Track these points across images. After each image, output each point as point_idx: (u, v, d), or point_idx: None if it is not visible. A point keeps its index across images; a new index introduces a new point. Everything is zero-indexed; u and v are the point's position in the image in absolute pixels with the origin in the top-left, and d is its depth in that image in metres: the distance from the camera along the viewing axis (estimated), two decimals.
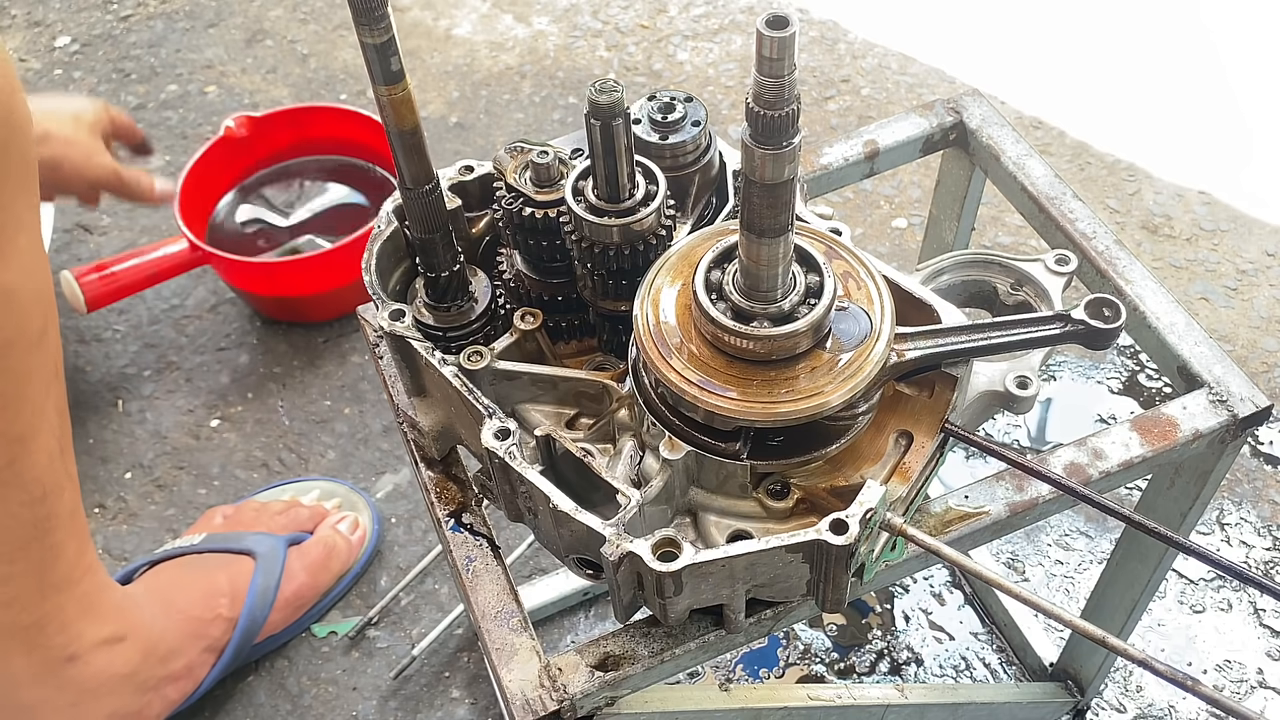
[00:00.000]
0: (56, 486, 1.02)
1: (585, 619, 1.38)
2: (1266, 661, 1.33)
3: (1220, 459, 0.91)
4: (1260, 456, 1.49)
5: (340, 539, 1.39)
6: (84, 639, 1.12)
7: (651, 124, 0.83)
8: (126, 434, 1.57)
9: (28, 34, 2.14)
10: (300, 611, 1.36)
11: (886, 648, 1.36)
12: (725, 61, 2.02)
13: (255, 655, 1.35)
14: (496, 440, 0.74)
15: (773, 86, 0.58)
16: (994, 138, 1.07)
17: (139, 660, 1.18)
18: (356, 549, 1.41)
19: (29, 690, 1.11)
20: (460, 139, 1.92)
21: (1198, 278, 1.67)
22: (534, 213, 0.79)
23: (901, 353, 0.73)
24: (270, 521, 1.38)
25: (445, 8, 2.16)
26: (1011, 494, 0.83)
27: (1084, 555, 1.42)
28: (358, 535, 1.42)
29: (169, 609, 1.25)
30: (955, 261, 0.89)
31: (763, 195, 0.63)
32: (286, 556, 1.34)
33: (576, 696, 0.74)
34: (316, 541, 1.38)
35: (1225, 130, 1.89)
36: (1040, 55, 2.02)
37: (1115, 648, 0.66)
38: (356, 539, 1.41)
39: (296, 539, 1.37)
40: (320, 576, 1.36)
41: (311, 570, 1.35)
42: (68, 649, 1.11)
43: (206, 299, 1.71)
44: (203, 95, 2.01)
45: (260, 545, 1.33)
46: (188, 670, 1.25)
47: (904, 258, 1.70)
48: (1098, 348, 0.74)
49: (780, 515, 0.74)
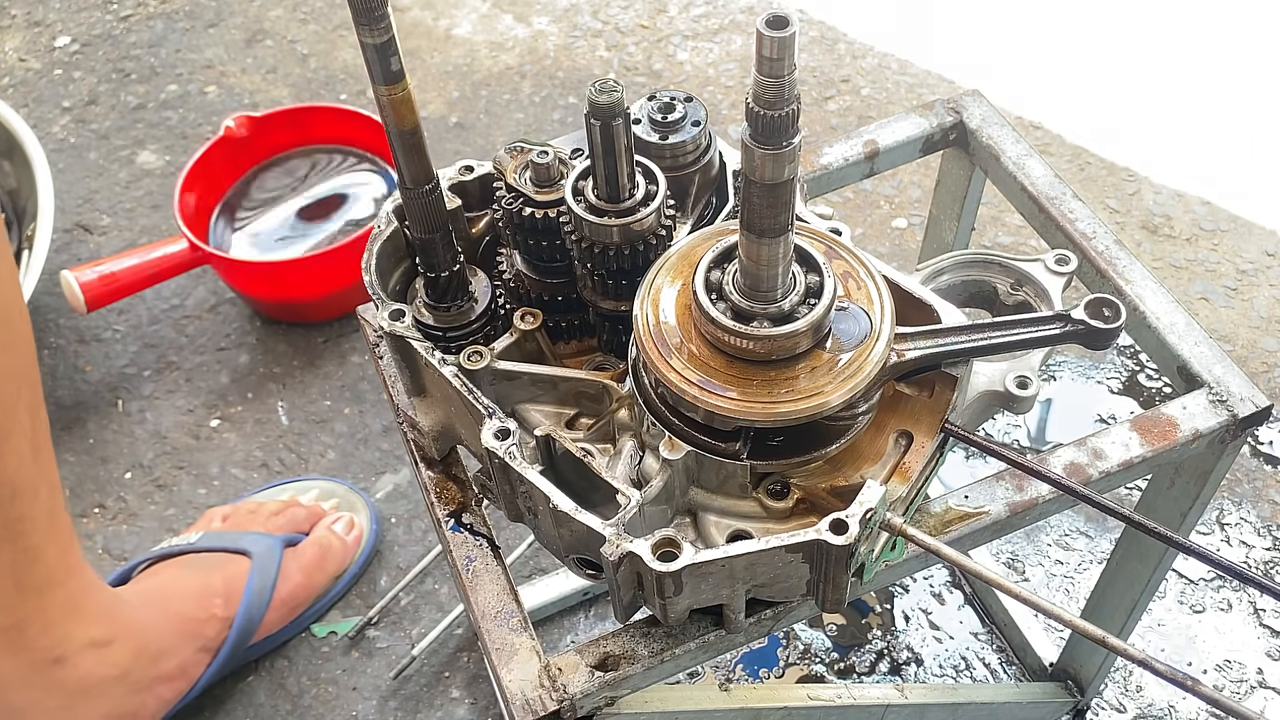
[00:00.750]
0: (30, 488, 1.01)
1: (585, 619, 1.38)
2: (1266, 661, 1.33)
3: (1220, 459, 0.91)
4: (1260, 456, 1.49)
5: (336, 540, 1.39)
6: (70, 641, 1.12)
7: (651, 124, 0.83)
8: (126, 434, 1.57)
9: (28, 34, 2.14)
10: (296, 612, 1.35)
11: (886, 648, 1.36)
12: (725, 61, 2.02)
13: (252, 656, 1.34)
14: (496, 440, 0.74)
15: (773, 86, 0.58)
16: (994, 138, 1.07)
17: (129, 661, 1.18)
18: (352, 550, 1.41)
19: (17, 692, 1.11)
20: (460, 139, 1.92)
21: (1198, 278, 1.67)
22: (534, 213, 0.79)
23: (901, 353, 0.73)
24: (267, 522, 1.38)
25: (445, 8, 2.16)
26: (1011, 494, 0.83)
27: (1084, 555, 1.42)
28: (354, 536, 1.41)
29: (162, 609, 1.25)
30: (955, 261, 0.89)
31: (763, 195, 0.63)
32: (283, 557, 1.33)
33: (576, 696, 0.74)
34: (312, 542, 1.38)
35: (1225, 131, 1.89)
36: (1041, 57, 2.02)
37: (1115, 648, 0.66)
38: (353, 539, 1.41)
39: (293, 540, 1.37)
40: (316, 577, 1.36)
41: (307, 571, 1.35)
42: (53, 651, 1.11)
43: (206, 299, 1.71)
44: (203, 95, 2.01)
45: (256, 545, 1.32)
46: (181, 670, 1.25)
47: (904, 258, 1.70)
48: (1098, 348, 0.74)
49: (780, 515, 0.74)
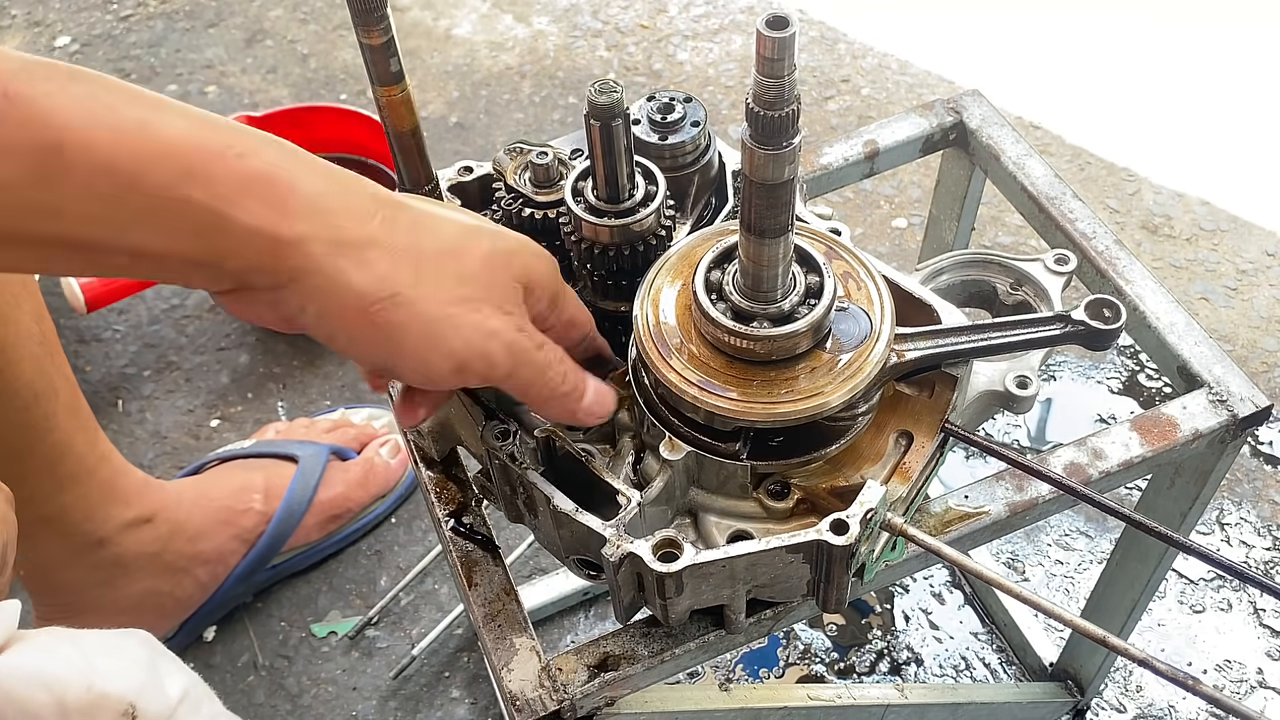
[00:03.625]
0: (49, 389, 1.08)
1: (585, 619, 1.38)
2: (1266, 661, 1.33)
3: (1220, 459, 0.91)
4: (1260, 456, 1.49)
5: (381, 461, 1.43)
6: (110, 523, 1.19)
7: (651, 124, 0.83)
8: (126, 434, 1.56)
9: (28, 34, 2.14)
10: (333, 524, 1.39)
11: (886, 648, 1.36)
12: (725, 61, 2.02)
13: (283, 571, 1.38)
14: (496, 440, 0.74)
15: (773, 87, 0.58)
16: (994, 138, 1.07)
17: (167, 538, 1.25)
18: (397, 473, 1.45)
19: (64, 572, 1.20)
20: (460, 139, 1.92)
21: (1198, 278, 1.67)
22: (533, 213, 0.79)
23: (901, 353, 0.73)
24: (319, 436, 1.43)
25: (445, 8, 2.16)
26: (1011, 494, 0.83)
27: (1084, 555, 1.42)
28: (399, 459, 1.45)
29: (202, 497, 1.31)
30: (955, 261, 0.89)
31: (763, 195, 0.63)
32: (328, 466, 1.38)
33: (576, 696, 0.74)
34: (359, 460, 1.43)
35: (1225, 131, 1.89)
36: (1040, 57, 2.02)
37: (1116, 647, 0.66)
38: (397, 463, 1.45)
39: (341, 452, 1.42)
40: (357, 492, 1.40)
41: (349, 484, 1.40)
42: (95, 534, 1.18)
43: (206, 299, 1.71)
44: (203, 95, 2.01)
45: (304, 450, 1.38)
46: (218, 554, 1.30)
47: (904, 258, 1.70)
48: (1098, 348, 0.74)
49: (780, 515, 0.74)
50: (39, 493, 1.11)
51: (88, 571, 1.21)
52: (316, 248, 0.60)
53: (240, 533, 1.32)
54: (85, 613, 1.23)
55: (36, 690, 0.61)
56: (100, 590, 1.22)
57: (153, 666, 0.67)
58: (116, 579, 1.23)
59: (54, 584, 1.22)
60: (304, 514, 1.35)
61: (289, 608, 1.40)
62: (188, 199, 0.57)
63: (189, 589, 1.30)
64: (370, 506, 1.42)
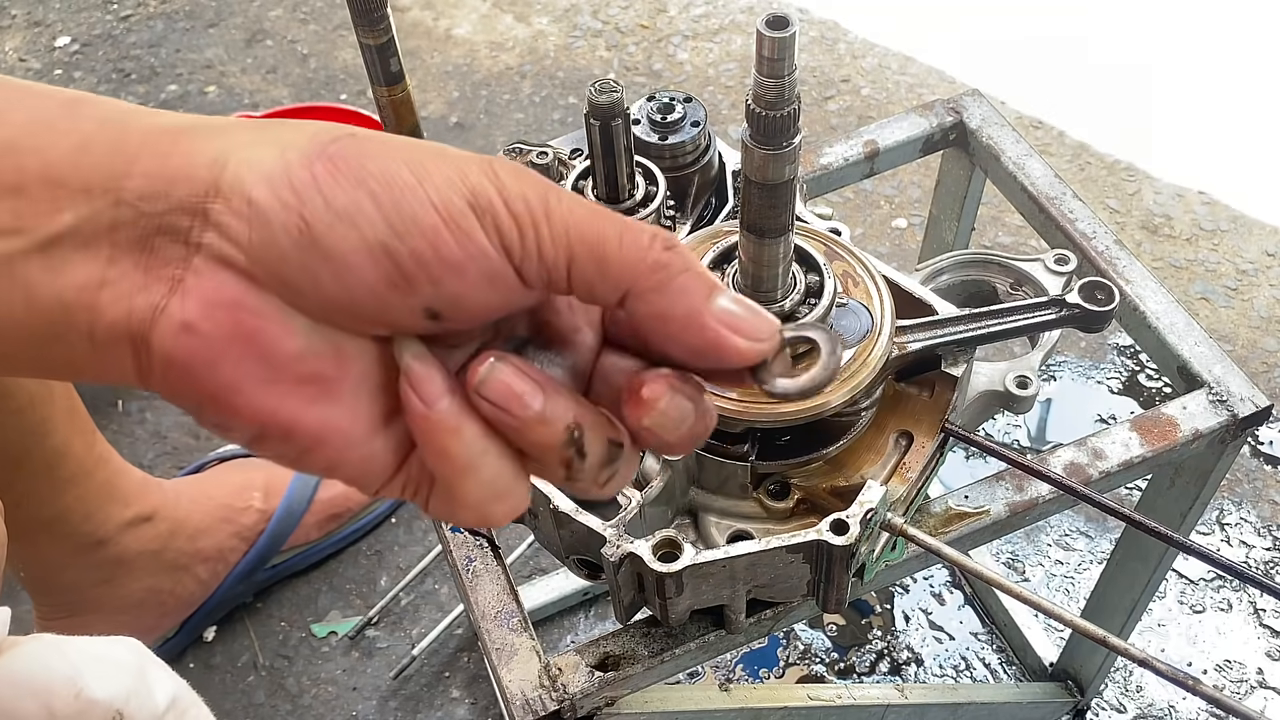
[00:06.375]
0: (45, 391, 1.07)
1: (585, 619, 1.38)
2: (1266, 661, 1.33)
3: (1220, 459, 0.91)
4: (1260, 456, 1.49)
5: None
6: (110, 522, 1.19)
7: (651, 124, 0.83)
8: (126, 434, 1.56)
9: (28, 34, 2.14)
10: (333, 523, 1.39)
11: (886, 648, 1.36)
12: (725, 61, 2.02)
13: (283, 571, 1.38)
14: None
15: (773, 86, 0.58)
16: (994, 138, 1.07)
17: (167, 536, 1.25)
18: None
19: (64, 573, 1.19)
20: (460, 139, 1.92)
21: (1198, 278, 1.67)
22: None
23: (902, 345, 0.73)
24: None
25: (445, 8, 2.16)
26: (1011, 494, 0.83)
27: (1084, 555, 1.42)
28: None
29: (202, 495, 1.31)
30: (955, 261, 0.89)
31: (763, 195, 0.63)
32: None
33: (576, 696, 0.74)
34: None
35: (1225, 131, 1.88)
36: (1040, 57, 2.02)
37: (1116, 647, 0.66)
38: None
39: None
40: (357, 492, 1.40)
41: None
42: (96, 534, 1.18)
43: None
44: (203, 95, 2.01)
45: None
46: (218, 552, 1.30)
47: (904, 258, 1.70)
48: (1093, 330, 0.75)
49: (781, 516, 0.74)
50: (38, 496, 1.11)
51: (88, 571, 1.21)
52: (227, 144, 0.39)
53: (240, 531, 1.32)
54: (86, 612, 1.23)
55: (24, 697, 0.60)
56: (101, 589, 1.23)
57: (141, 673, 0.67)
58: (117, 578, 1.23)
59: (55, 584, 1.22)
60: (304, 513, 1.35)
61: (289, 608, 1.40)
62: None
63: (190, 587, 1.30)
64: (370, 506, 1.43)
